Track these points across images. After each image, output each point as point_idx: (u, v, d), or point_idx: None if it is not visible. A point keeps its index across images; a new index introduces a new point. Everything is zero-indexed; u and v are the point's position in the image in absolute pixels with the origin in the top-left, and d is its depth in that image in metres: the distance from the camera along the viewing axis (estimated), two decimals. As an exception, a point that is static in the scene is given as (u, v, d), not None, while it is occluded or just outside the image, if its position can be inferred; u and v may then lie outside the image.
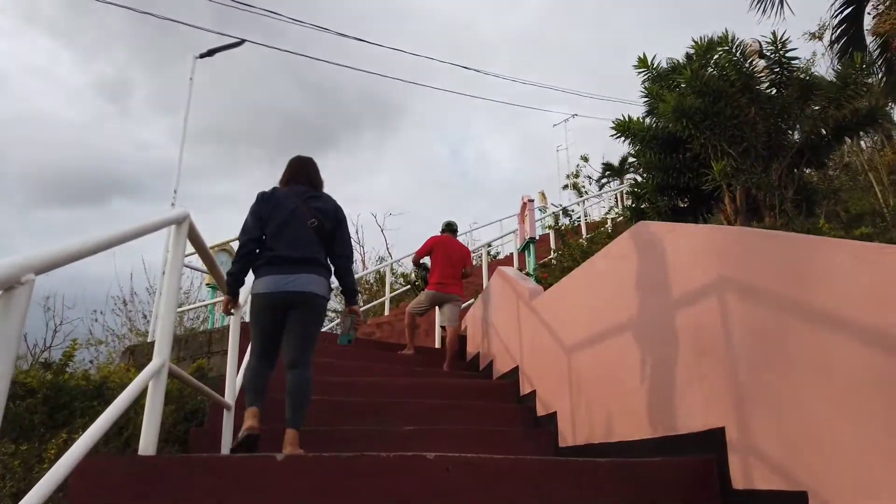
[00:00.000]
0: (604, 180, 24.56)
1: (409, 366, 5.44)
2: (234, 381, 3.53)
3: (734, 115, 5.34)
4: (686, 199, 5.98)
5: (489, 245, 8.41)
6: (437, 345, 6.82)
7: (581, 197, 21.87)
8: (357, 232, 17.58)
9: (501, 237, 9.99)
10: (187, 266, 7.54)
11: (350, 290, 3.11)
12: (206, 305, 8.31)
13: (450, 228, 6.24)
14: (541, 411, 4.18)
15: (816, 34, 6.94)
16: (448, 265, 5.85)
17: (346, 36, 9.42)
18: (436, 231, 6.28)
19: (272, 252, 2.87)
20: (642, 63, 6.19)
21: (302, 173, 3.11)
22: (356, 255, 17.20)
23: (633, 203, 6.30)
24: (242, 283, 3.03)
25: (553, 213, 11.39)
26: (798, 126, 5.55)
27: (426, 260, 6.16)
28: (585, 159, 21.70)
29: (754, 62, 5.56)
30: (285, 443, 2.73)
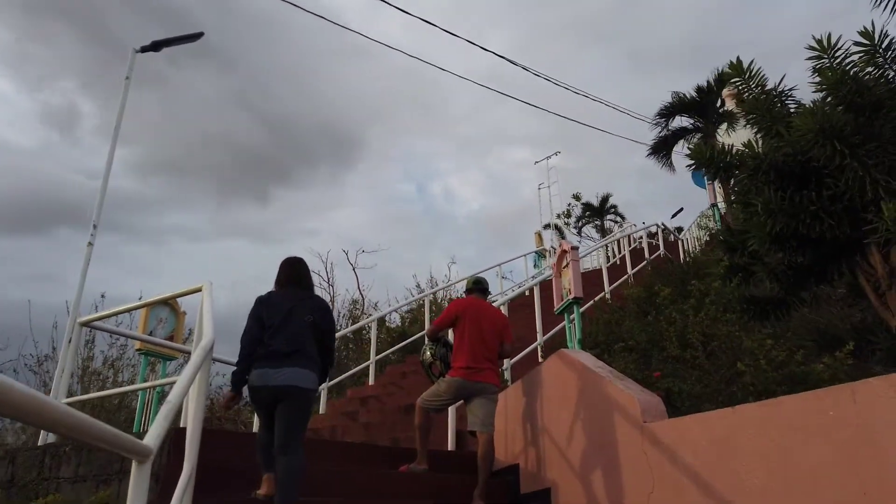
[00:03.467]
0: (582, 221, 23.14)
1: (425, 499, 3.57)
2: None
3: (895, 137, 3.77)
4: (806, 254, 4.34)
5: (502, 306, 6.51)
6: (451, 445, 4.93)
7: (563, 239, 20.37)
8: (327, 269, 15.69)
9: (506, 296, 8.08)
10: (108, 330, 5.50)
11: (323, 371, 3.41)
12: (135, 390, 6.15)
13: (479, 287, 4.41)
14: None
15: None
16: (479, 341, 4.04)
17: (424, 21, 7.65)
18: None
19: (267, 348, 3.17)
20: (735, 69, 4.63)
21: (294, 275, 3.48)
22: (327, 297, 15.51)
23: (726, 257, 4.64)
24: (245, 381, 3.21)
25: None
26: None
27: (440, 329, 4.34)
28: (577, 198, 20.26)
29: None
30: None
